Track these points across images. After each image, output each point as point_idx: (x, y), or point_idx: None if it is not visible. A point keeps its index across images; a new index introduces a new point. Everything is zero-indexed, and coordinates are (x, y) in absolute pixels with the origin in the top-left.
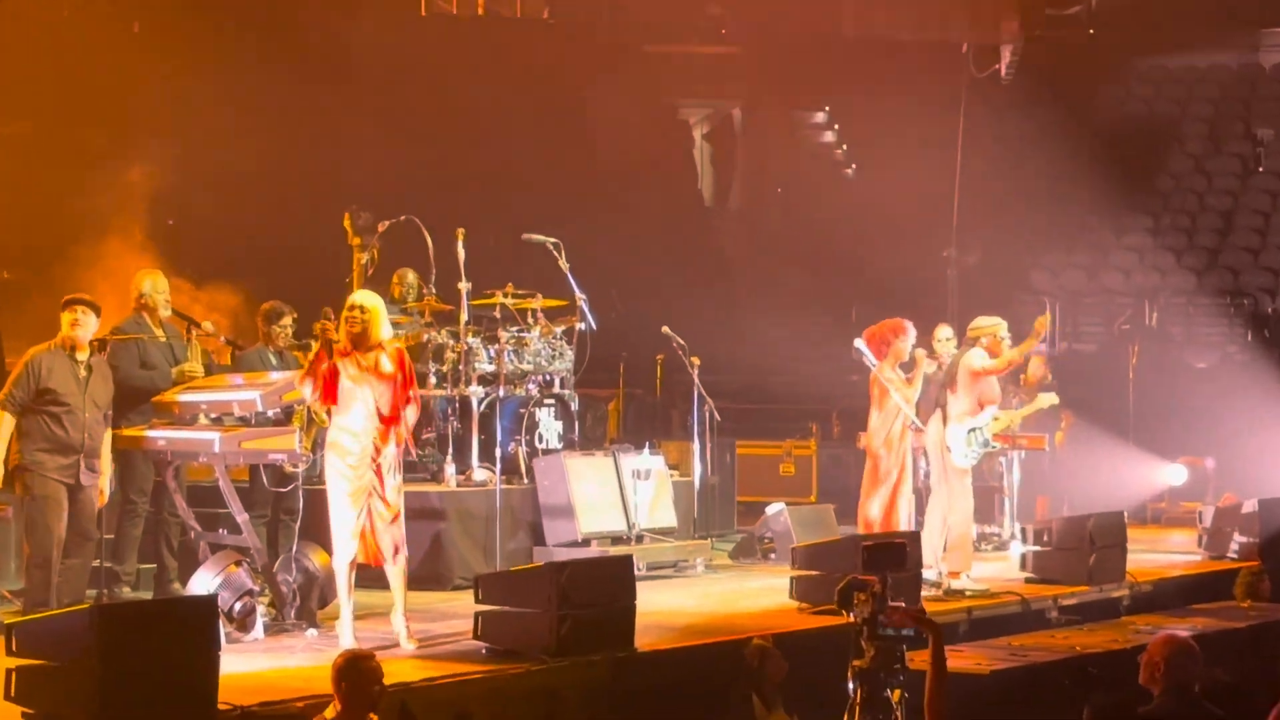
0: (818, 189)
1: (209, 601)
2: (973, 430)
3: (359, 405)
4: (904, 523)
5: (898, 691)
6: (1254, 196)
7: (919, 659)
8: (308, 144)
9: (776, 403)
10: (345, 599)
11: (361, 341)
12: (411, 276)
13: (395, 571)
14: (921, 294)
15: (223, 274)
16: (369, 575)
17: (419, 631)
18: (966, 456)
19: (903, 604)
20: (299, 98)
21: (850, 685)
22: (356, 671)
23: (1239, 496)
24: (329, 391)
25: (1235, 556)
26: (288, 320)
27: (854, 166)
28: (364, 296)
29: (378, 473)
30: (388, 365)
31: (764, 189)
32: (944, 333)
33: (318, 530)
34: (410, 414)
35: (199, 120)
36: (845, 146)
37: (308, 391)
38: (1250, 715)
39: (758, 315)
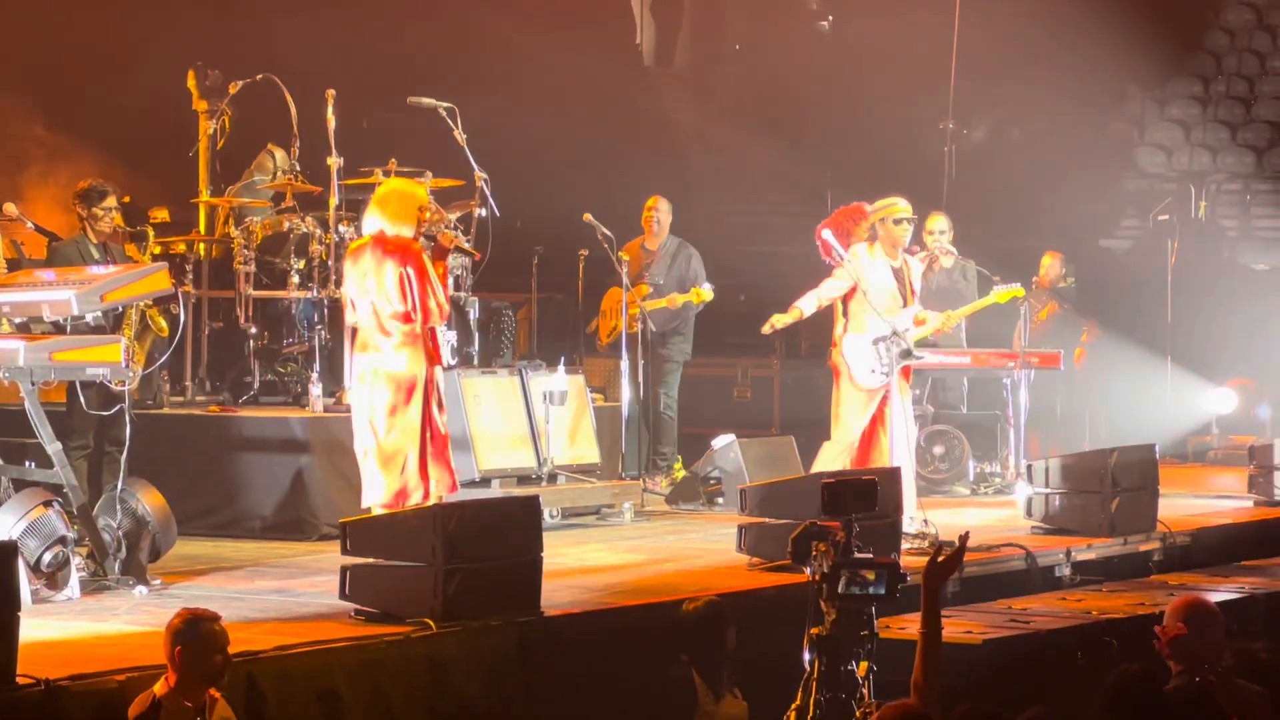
0: (785, 45)
1: (8, 550)
2: (880, 341)
3: None
4: (891, 458)
5: (865, 664)
6: None
7: (894, 625)
8: None
9: (730, 311)
10: None
11: None
12: (280, 157)
13: None
14: (913, 176)
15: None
16: (216, 521)
17: (274, 591)
18: (875, 372)
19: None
20: None
21: (806, 656)
22: (195, 635)
23: None
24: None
25: None
26: (111, 201)
27: (830, 18)
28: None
29: None
30: None
31: (718, 45)
32: (939, 224)
33: (150, 464)
34: None
35: None
36: None
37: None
38: None
39: (708, 201)
